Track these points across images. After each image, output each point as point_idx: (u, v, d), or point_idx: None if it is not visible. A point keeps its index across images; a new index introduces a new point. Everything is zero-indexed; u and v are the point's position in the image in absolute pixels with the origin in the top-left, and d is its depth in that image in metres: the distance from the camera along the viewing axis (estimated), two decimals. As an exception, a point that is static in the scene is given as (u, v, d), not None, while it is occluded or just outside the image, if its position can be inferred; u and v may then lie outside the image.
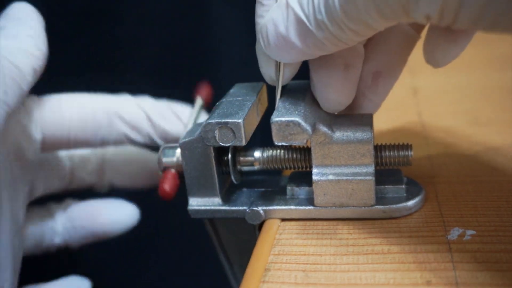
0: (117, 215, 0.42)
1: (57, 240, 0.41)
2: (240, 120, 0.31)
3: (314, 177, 0.32)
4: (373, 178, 0.31)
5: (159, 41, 0.62)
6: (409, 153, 0.32)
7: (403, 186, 0.33)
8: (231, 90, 0.36)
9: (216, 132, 0.31)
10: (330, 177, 0.32)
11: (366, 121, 0.32)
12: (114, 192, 0.44)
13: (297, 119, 0.30)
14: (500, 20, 0.21)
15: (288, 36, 0.28)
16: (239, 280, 0.38)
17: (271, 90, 0.34)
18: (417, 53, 0.32)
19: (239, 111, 0.32)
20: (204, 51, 0.65)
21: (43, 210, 0.42)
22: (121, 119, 0.40)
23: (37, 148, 0.38)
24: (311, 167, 0.32)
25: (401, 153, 0.33)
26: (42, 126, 0.38)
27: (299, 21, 0.27)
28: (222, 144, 0.32)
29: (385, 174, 0.34)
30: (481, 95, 0.50)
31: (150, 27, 0.62)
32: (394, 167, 0.34)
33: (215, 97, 0.44)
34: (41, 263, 0.41)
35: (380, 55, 0.33)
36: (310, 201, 0.33)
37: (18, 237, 0.36)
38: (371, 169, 0.31)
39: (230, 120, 0.31)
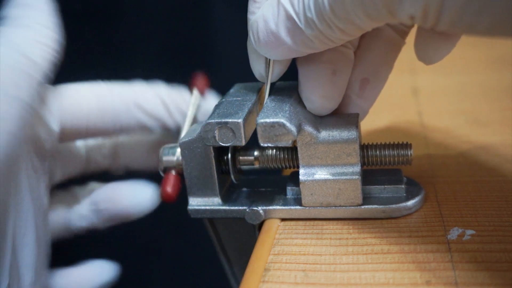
0: (138, 197, 0.42)
1: (84, 223, 0.42)
2: (240, 120, 0.31)
3: (301, 178, 0.32)
4: (360, 177, 0.31)
5: (159, 41, 0.62)
6: (409, 152, 0.33)
7: (403, 186, 0.33)
8: (231, 90, 0.36)
9: (216, 132, 0.31)
10: (317, 177, 0.32)
11: (351, 120, 0.32)
12: (130, 174, 0.44)
13: (282, 120, 0.30)
14: (477, 23, 0.22)
15: (278, 33, 0.28)
16: (239, 280, 0.38)
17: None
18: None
19: (239, 111, 0.32)
20: (204, 51, 0.65)
21: (68, 195, 0.42)
22: (139, 107, 0.40)
23: (55, 139, 0.38)
24: None
25: (401, 152, 0.33)
26: (60, 117, 0.38)
27: (289, 18, 0.28)
28: (222, 144, 0.32)
29: (385, 173, 0.34)
30: (481, 95, 0.50)
31: (150, 27, 0.62)
32: (393, 167, 0.34)
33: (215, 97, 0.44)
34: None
35: (367, 62, 0.33)
36: None
37: (43, 223, 0.37)
38: (358, 168, 0.31)
39: (230, 120, 0.31)
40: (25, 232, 0.35)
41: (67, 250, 0.42)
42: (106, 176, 0.44)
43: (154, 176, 0.43)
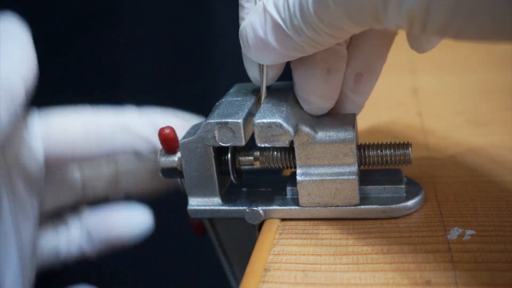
0: (132, 222, 0.41)
1: (74, 250, 0.40)
2: (239, 120, 0.31)
3: (298, 178, 0.32)
4: (357, 177, 0.31)
5: (159, 41, 0.62)
6: (408, 151, 0.33)
7: (403, 186, 0.33)
8: (231, 90, 0.36)
9: (216, 132, 0.31)
10: (314, 177, 0.32)
11: (348, 120, 0.32)
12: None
13: (279, 120, 0.30)
14: (464, 30, 0.22)
15: (267, 40, 0.28)
16: (239, 280, 0.38)
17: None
18: (417, 53, 0.32)
19: (239, 111, 0.32)
20: (204, 51, 0.65)
21: (59, 221, 0.41)
22: (127, 130, 0.39)
23: (41, 164, 0.37)
24: None
25: (400, 151, 0.33)
26: (45, 142, 0.37)
27: (276, 25, 0.28)
28: (222, 144, 0.32)
29: (385, 173, 0.34)
30: (481, 95, 0.50)
31: (150, 27, 0.62)
32: (393, 166, 0.34)
33: (215, 97, 0.44)
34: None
35: (361, 56, 0.33)
36: None
37: (30, 252, 0.35)
38: (355, 168, 0.31)
39: (230, 120, 0.31)
40: (7, 259, 0.34)
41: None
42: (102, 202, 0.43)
43: (153, 201, 0.42)
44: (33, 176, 0.36)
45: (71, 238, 0.40)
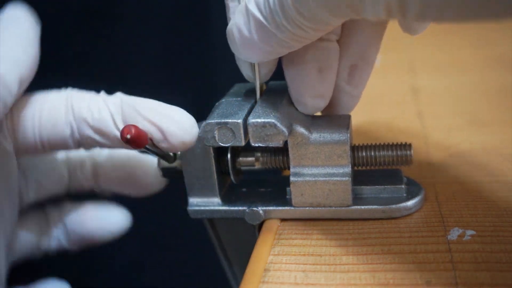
0: (105, 222, 0.41)
1: (54, 245, 0.41)
2: (239, 120, 0.31)
3: (292, 178, 0.32)
4: (350, 178, 0.31)
5: (159, 41, 0.62)
6: (409, 152, 0.32)
7: (403, 186, 0.33)
8: (231, 90, 0.36)
9: (216, 132, 0.31)
10: (307, 177, 0.32)
11: (343, 122, 0.32)
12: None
13: (273, 120, 0.30)
14: (443, 13, 0.21)
15: (253, 39, 0.28)
16: (238, 280, 0.38)
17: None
18: (417, 53, 0.32)
19: (239, 111, 0.32)
20: (204, 51, 0.65)
21: (40, 214, 0.41)
22: (86, 122, 0.35)
23: (10, 154, 0.35)
24: None
25: (400, 152, 0.33)
26: (11, 129, 0.35)
27: (259, 24, 0.28)
28: (222, 144, 0.32)
29: (385, 174, 0.34)
30: (481, 95, 0.50)
31: (149, 27, 0.62)
32: (393, 167, 0.34)
33: (215, 97, 0.44)
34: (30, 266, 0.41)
35: (353, 47, 0.33)
36: None
37: (4, 246, 0.35)
38: (348, 169, 0.31)
39: (230, 120, 0.31)
40: None
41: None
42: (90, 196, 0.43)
43: (138, 201, 0.42)
44: (7, 165, 0.35)
45: (51, 233, 0.41)
